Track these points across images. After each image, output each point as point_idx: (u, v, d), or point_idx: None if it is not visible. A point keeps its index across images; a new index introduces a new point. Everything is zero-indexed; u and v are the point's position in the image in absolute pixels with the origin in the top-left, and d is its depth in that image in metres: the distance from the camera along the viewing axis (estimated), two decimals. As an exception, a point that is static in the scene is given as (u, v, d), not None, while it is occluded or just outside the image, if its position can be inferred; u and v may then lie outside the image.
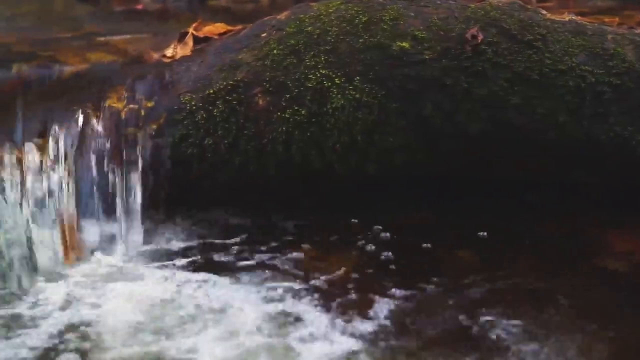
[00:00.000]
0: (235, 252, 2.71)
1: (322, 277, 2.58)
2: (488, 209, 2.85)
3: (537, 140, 2.78)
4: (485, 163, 2.85)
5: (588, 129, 2.77)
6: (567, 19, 2.89)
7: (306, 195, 2.86)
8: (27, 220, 2.59)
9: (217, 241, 2.75)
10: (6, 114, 2.81)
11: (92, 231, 2.69)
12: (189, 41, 2.98)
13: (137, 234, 2.71)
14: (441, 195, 2.86)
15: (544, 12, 2.89)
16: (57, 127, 2.73)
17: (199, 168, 2.77)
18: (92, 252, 2.66)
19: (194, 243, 2.74)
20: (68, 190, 2.67)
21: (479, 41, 2.77)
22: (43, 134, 2.74)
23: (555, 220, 2.85)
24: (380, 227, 2.79)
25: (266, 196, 2.85)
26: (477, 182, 2.85)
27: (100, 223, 2.70)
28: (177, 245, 2.73)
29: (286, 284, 2.55)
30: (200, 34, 3.00)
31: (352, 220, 2.85)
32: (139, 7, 3.52)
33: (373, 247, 2.72)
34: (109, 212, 2.71)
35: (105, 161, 2.73)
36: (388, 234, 2.77)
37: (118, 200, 2.70)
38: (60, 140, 2.72)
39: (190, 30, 3.01)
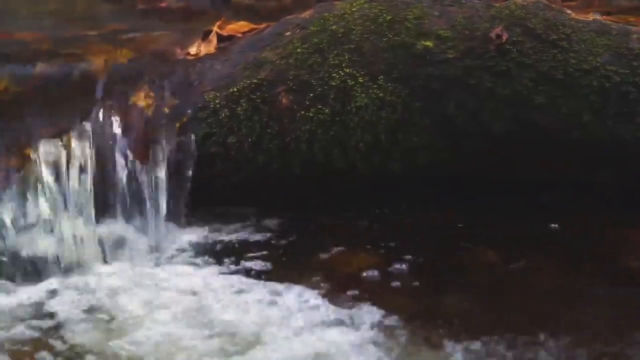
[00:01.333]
0: (260, 251, 2.71)
1: (345, 274, 2.59)
2: (500, 208, 2.84)
3: (561, 139, 2.78)
4: (509, 163, 2.84)
5: (612, 129, 2.76)
6: (591, 18, 2.88)
7: (329, 194, 2.86)
8: (54, 217, 2.61)
9: (243, 240, 2.75)
10: (30, 112, 2.83)
11: (114, 229, 2.70)
12: (213, 39, 2.99)
13: (162, 232, 2.72)
14: (460, 194, 2.85)
15: (568, 11, 2.88)
16: (81, 125, 2.75)
17: (222, 166, 2.78)
18: (114, 251, 2.67)
19: (218, 241, 2.74)
20: (92, 188, 2.68)
21: (504, 40, 2.76)
22: (67, 132, 2.76)
23: (570, 220, 2.83)
24: (404, 225, 2.79)
25: (289, 194, 2.85)
26: (492, 182, 2.84)
27: (123, 221, 2.71)
28: (201, 243, 2.73)
29: (314, 280, 2.56)
30: (224, 32, 3.01)
31: (376, 218, 2.85)
32: (163, 5, 3.52)
33: (398, 245, 2.71)
34: (133, 210, 2.72)
35: (130, 159, 2.74)
36: (411, 232, 2.77)
37: (142, 198, 2.71)
38: (84, 138, 2.73)
39: (214, 28, 3.02)
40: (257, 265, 2.63)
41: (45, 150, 2.68)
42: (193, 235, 2.76)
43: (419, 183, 2.81)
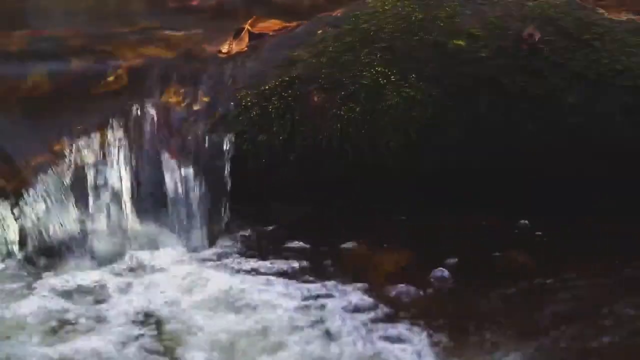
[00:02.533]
0: (293, 250, 2.71)
1: (378, 275, 2.59)
2: (531, 209, 2.82)
3: (593, 140, 2.76)
4: (540, 163, 2.83)
5: (646, 130, 2.75)
6: (624, 17, 2.86)
7: (361, 192, 2.86)
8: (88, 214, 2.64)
9: (276, 238, 2.76)
10: (64, 108, 2.85)
11: (148, 226, 2.72)
12: (245, 37, 2.99)
13: (195, 230, 2.73)
14: (491, 195, 2.84)
15: (601, 10, 2.86)
16: (114, 122, 2.76)
17: (254, 164, 2.79)
18: (148, 248, 2.69)
19: (250, 240, 2.75)
20: (125, 185, 2.70)
21: (536, 40, 2.75)
22: (100, 129, 2.77)
23: (609, 222, 2.82)
24: (435, 226, 2.79)
25: (321, 193, 2.85)
26: (523, 182, 2.83)
27: (157, 218, 2.73)
28: (235, 242, 2.74)
29: (347, 280, 2.56)
30: (256, 30, 3.02)
31: (403, 217, 2.85)
32: (194, 3, 3.53)
33: (430, 247, 2.72)
34: (166, 207, 2.73)
35: (162, 157, 2.75)
36: (443, 234, 2.77)
37: (175, 196, 2.72)
38: (117, 135, 2.75)
39: (246, 26, 3.02)
40: (290, 264, 2.63)
41: (79, 147, 2.70)
42: (226, 234, 2.76)
43: (449, 183, 2.80)
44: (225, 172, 2.75)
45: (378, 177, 2.82)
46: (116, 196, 2.69)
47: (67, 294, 2.49)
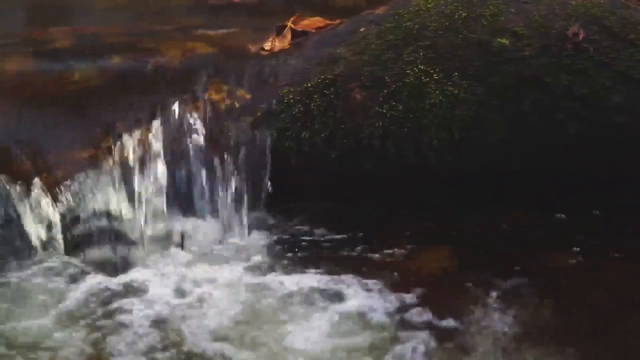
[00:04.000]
0: (332, 247, 2.72)
1: (416, 272, 2.59)
2: (573, 208, 2.82)
3: (638, 139, 2.75)
4: (583, 162, 2.81)
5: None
6: (669, 17, 2.84)
7: (400, 191, 2.85)
8: (129, 208, 2.65)
9: (316, 235, 2.77)
10: (106, 104, 2.86)
11: (189, 220, 2.73)
12: (287, 35, 3.00)
13: (234, 224, 2.73)
14: (532, 193, 2.82)
15: (645, 10, 2.86)
16: (156, 118, 2.77)
17: (295, 161, 2.79)
18: (189, 239, 2.71)
19: (291, 236, 2.76)
20: (166, 179, 2.71)
21: (580, 39, 2.73)
22: (143, 124, 2.78)
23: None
24: (476, 224, 2.78)
25: (361, 190, 2.85)
26: (565, 181, 2.81)
27: (198, 213, 2.74)
28: (274, 237, 2.75)
29: (383, 276, 2.56)
30: (298, 28, 3.02)
31: (444, 216, 2.83)
32: (235, 0, 3.55)
33: (469, 244, 2.71)
34: (207, 202, 2.74)
35: (204, 152, 2.76)
36: (482, 232, 2.76)
37: (216, 192, 2.73)
38: (159, 130, 2.76)
39: (289, 23, 3.03)
40: (327, 260, 2.65)
41: (122, 142, 2.72)
42: (266, 229, 2.77)
43: (491, 181, 2.79)
44: (267, 168, 2.75)
45: (419, 175, 2.81)
46: (159, 190, 2.70)
47: (112, 286, 2.52)
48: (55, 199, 2.64)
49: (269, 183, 2.75)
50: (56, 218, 2.62)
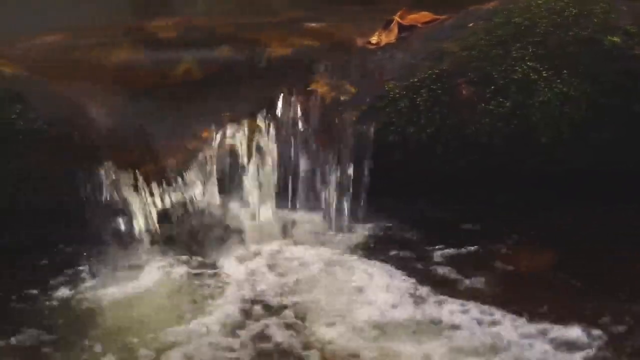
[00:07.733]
0: (432, 245, 2.70)
1: (513, 273, 2.56)
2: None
3: None
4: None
5: None
6: None
7: (502, 190, 2.82)
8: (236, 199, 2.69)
9: (416, 231, 2.76)
10: (213, 96, 2.89)
11: (294, 211, 2.75)
12: (394, 29, 2.99)
13: (337, 217, 2.75)
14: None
15: None
16: (263, 110, 2.79)
17: (400, 156, 2.78)
18: (292, 231, 2.73)
19: (392, 232, 2.76)
20: (274, 172, 2.73)
21: (696, 37, 2.68)
22: (248, 116, 2.81)
23: None
24: (579, 225, 2.75)
25: (464, 188, 2.83)
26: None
27: (302, 204, 2.76)
28: (375, 232, 2.75)
29: (481, 277, 2.54)
30: (405, 22, 3.01)
31: (549, 214, 2.80)
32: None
33: (569, 246, 2.67)
34: (312, 194, 2.75)
35: (308, 145, 2.77)
36: (586, 232, 2.72)
37: (321, 185, 2.74)
38: (264, 123, 2.78)
39: (396, 18, 3.02)
40: (424, 259, 2.63)
41: (228, 135, 2.74)
42: (368, 223, 2.78)
43: (602, 180, 2.75)
44: (372, 162, 2.75)
45: (526, 172, 2.79)
46: (264, 182, 2.72)
47: (215, 276, 2.56)
48: (162, 187, 2.68)
49: (373, 176, 2.75)
50: (165, 203, 2.66)
